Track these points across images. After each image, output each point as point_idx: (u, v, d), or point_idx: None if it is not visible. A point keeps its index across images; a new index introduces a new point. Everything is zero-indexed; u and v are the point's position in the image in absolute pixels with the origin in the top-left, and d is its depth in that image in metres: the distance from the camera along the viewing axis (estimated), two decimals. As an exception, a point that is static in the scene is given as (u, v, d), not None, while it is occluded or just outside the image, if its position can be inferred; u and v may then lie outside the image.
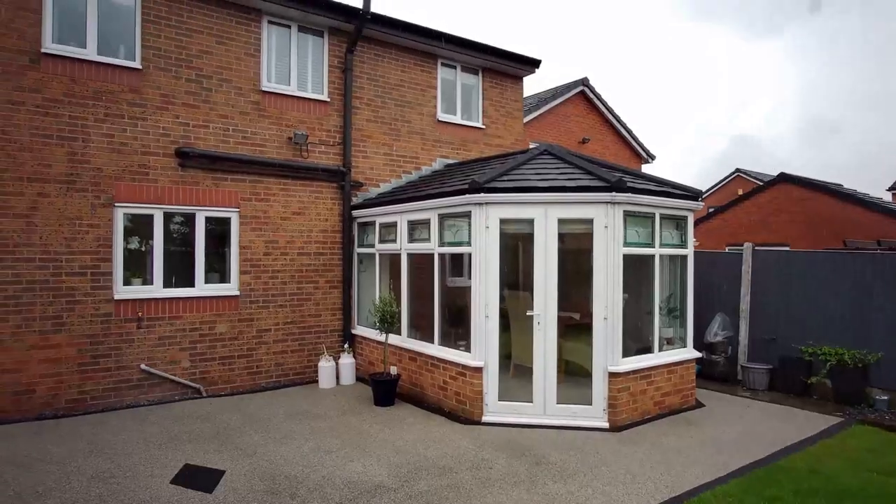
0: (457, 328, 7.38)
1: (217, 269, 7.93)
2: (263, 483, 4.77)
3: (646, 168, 19.71)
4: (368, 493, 4.58)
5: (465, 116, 10.61)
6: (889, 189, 30.38)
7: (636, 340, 6.98)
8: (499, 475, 4.97)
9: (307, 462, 5.24)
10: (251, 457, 5.36)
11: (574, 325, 7.49)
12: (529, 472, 5.04)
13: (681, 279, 7.49)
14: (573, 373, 7.09)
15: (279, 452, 5.48)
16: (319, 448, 5.62)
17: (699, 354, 7.56)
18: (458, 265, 8.86)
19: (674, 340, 7.39)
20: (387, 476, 4.93)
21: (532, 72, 11.17)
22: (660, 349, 6.96)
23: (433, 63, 10.05)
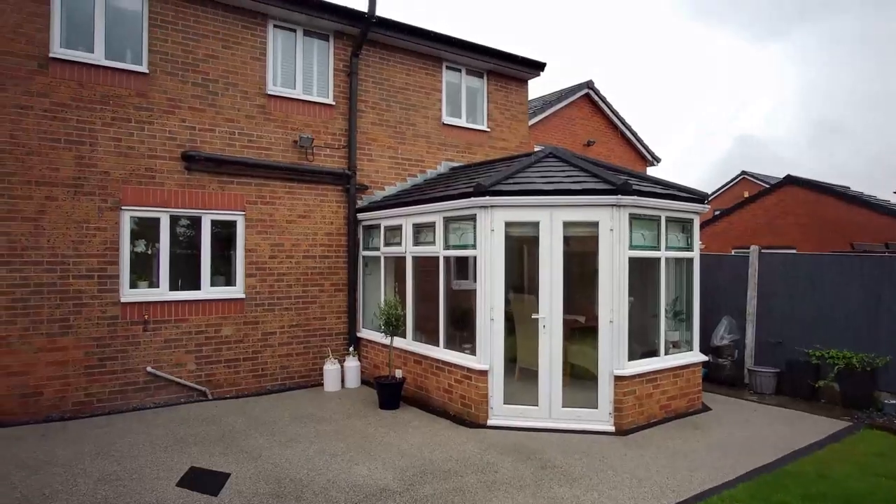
0: (462, 331, 7.38)
1: (223, 272, 7.95)
2: (269, 486, 4.77)
3: (651, 171, 19.66)
4: (374, 497, 4.58)
5: (470, 119, 10.62)
6: (896, 191, 30.19)
7: (642, 344, 6.95)
8: (504, 479, 4.96)
9: (312, 465, 5.24)
10: (256, 460, 5.37)
11: (579, 329, 7.47)
12: (535, 476, 5.02)
13: (687, 282, 7.46)
14: (579, 376, 7.07)
15: (284, 455, 5.49)
16: (324, 451, 5.62)
17: (705, 358, 7.53)
18: (464, 268, 8.85)
19: (680, 344, 7.36)
20: (392, 480, 4.93)
21: (537, 75, 11.18)
22: (666, 353, 6.93)
23: (438, 66, 10.07)
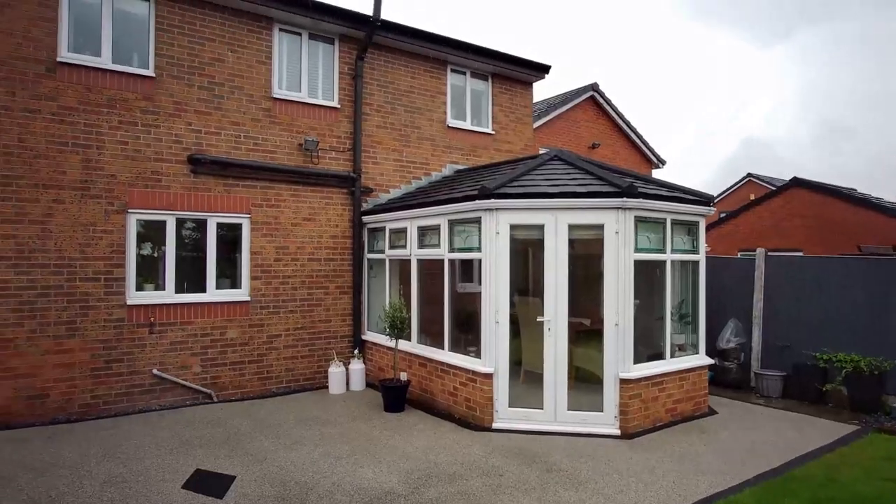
0: (467, 334, 7.37)
1: (228, 275, 7.98)
2: (274, 489, 4.77)
3: (655, 173, 19.61)
4: (379, 500, 4.57)
5: (475, 122, 10.63)
6: (904, 193, 30.01)
7: (647, 347, 6.93)
8: (509, 482, 4.94)
9: (317, 468, 5.24)
10: (262, 462, 5.37)
11: (585, 331, 7.45)
12: (540, 480, 5.00)
13: (693, 285, 7.43)
14: (584, 379, 7.05)
15: (289, 458, 5.49)
16: (329, 454, 5.62)
17: (711, 361, 7.49)
18: (468, 271, 8.86)
19: (686, 347, 7.33)
20: (397, 483, 4.92)
21: (542, 77, 11.18)
22: (671, 356, 6.90)
23: (443, 69, 10.08)
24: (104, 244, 6.99)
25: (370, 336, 8.81)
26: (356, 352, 8.65)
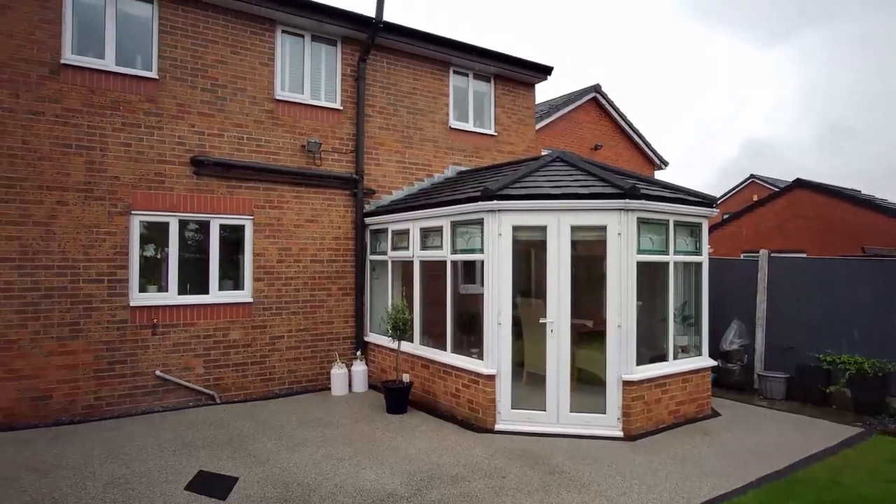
0: (469, 335, 7.36)
1: (231, 277, 7.99)
2: (276, 490, 4.77)
3: (657, 174, 19.59)
4: (381, 502, 4.57)
5: (478, 124, 10.63)
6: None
7: (650, 348, 6.92)
8: (512, 484, 4.93)
9: (320, 470, 5.24)
10: (264, 464, 5.37)
11: (587, 333, 7.44)
12: (543, 482, 5.00)
13: (695, 286, 7.42)
14: (587, 381, 7.03)
15: (292, 460, 5.49)
16: (332, 456, 5.62)
17: (714, 363, 7.47)
18: (471, 272, 8.85)
19: (688, 348, 7.31)
20: (399, 484, 4.92)
21: (544, 79, 11.18)
22: (674, 357, 6.88)
23: (445, 71, 10.09)
24: (107, 246, 7.01)
25: (373, 337, 8.82)
26: (359, 353, 8.65)
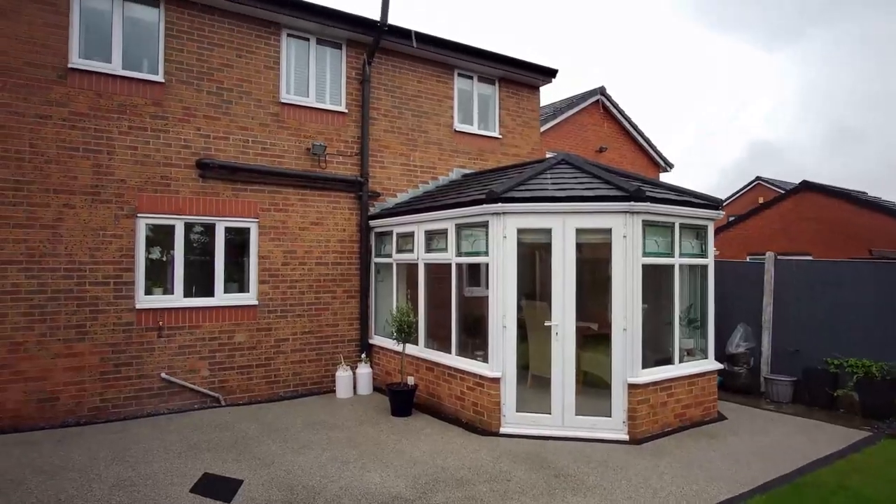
0: (474, 338, 7.35)
1: (236, 279, 8.01)
2: (281, 493, 4.77)
3: (663, 177, 19.54)
4: (386, 505, 4.57)
5: (482, 126, 10.63)
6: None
7: (656, 351, 6.89)
8: (517, 488, 4.92)
9: (325, 472, 5.24)
10: (269, 466, 5.38)
11: (592, 336, 7.42)
12: (548, 485, 4.98)
13: (701, 289, 7.39)
14: (592, 384, 7.02)
15: (297, 462, 5.49)
16: (337, 458, 5.62)
17: (721, 366, 7.43)
18: (476, 275, 8.83)
19: (694, 351, 7.28)
20: (404, 488, 4.91)
21: (549, 81, 11.17)
22: (680, 360, 6.86)
23: (450, 73, 10.10)
24: (114, 248, 7.04)
25: (377, 340, 8.82)
26: (363, 356, 8.65)
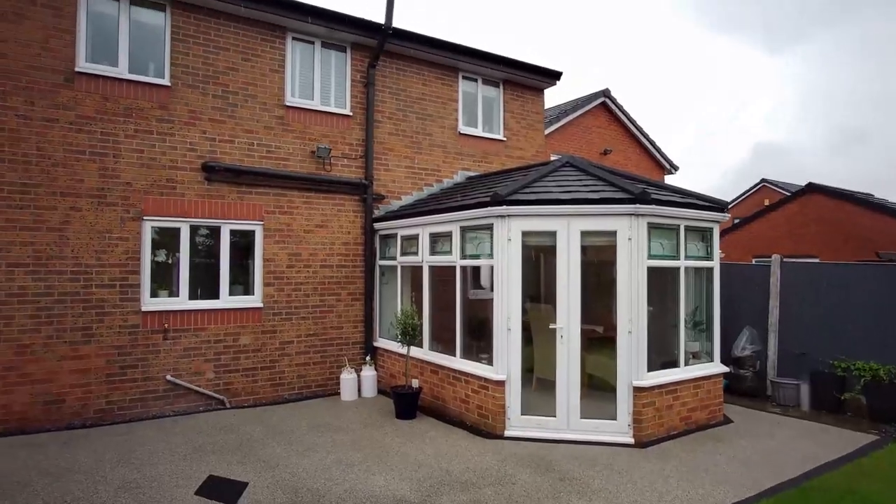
0: (479, 341, 7.35)
1: (241, 282, 8.03)
2: (286, 496, 4.77)
3: (668, 179, 19.49)
4: (390, 508, 4.56)
5: (487, 129, 10.64)
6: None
7: (661, 354, 6.86)
8: (522, 491, 4.91)
9: (329, 475, 5.24)
10: (274, 469, 5.38)
11: (597, 339, 7.40)
12: (553, 488, 4.96)
13: (707, 292, 7.36)
14: (597, 387, 6.99)
15: (301, 465, 5.49)
16: (341, 461, 5.61)
17: (726, 369, 7.40)
18: (480, 277, 8.84)
19: (700, 354, 7.25)
20: (409, 491, 4.90)
21: (553, 84, 11.17)
22: (686, 363, 6.82)
23: (454, 76, 10.11)
24: (120, 251, 7.08)
25: (382, 343, 8.82)
26: (368, 358, 8.66)
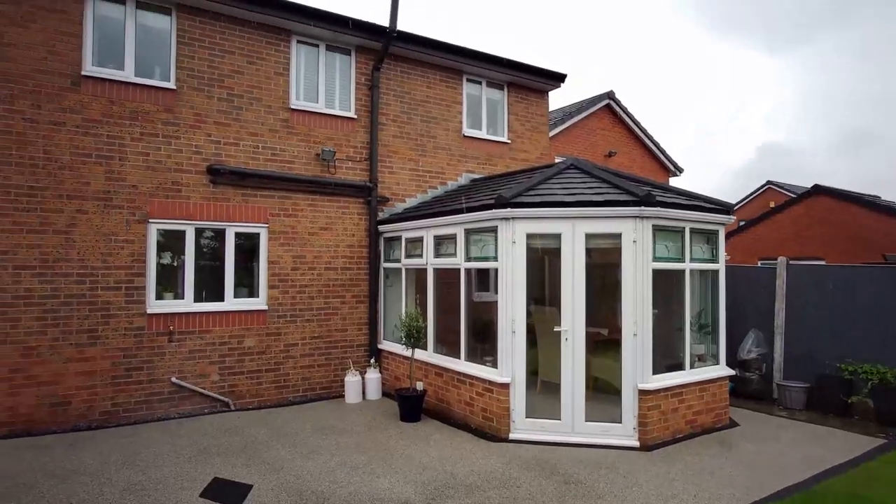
0: (483, 343, 7.34)
1: (246, 284, 8.05)
2: (290, 498, 4.77)
3: (673, 181, 19.43)
4: (395, 511, 4.55)
5: (491, 131, 10.64)
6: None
7: (666, 357, 6.83)
8: (527, 494, 4.89)
9: (334, 478, 5.24)
10: (278, 471, 5.38)
11: (602, 341, 7.38)
12: (558, 492, 4.94)
13: (712, 294, 7.33)
14: (602, 390, 6.97)
15: (306, 467, 5.49)
16: (346, 464, 5.61)
17: (732, 372, 7.36)
18: (485, 280, 8.81)
19: (705, 357, 7.22)
20: (413, 494, 4.90)
21: (557, 86, 11.17)
22: (691, 366, 6.80)
23: (458, 79, 10.12)
24: (125, 253, 7.10)
25: (386, 345, 8.82)
26: (372, 361, 8.66)
